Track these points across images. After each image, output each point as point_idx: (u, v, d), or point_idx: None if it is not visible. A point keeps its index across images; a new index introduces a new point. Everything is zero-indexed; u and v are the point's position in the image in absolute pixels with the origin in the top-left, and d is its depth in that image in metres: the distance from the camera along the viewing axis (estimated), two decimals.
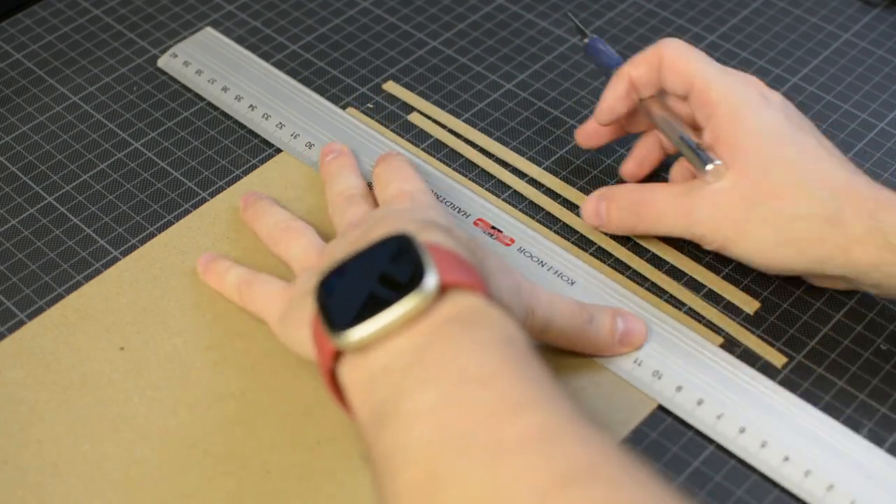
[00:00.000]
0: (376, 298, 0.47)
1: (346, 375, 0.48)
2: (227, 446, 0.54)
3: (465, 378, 0.45)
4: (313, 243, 0.59)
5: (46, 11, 0.78)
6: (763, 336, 0.59)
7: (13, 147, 0.69)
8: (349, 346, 0.47)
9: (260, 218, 0.62)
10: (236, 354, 0.58)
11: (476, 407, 0.44)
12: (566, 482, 0.40)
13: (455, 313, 0.47)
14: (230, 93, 0.71)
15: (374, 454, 0.46)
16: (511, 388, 0.44)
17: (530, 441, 0.42)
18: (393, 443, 0.44)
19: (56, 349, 0.58)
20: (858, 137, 0.69)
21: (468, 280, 0.48)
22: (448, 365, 0.45)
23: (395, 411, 0.45)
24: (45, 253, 0.63)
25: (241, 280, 0.59)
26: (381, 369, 0.46)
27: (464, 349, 0.46)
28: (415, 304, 0.46)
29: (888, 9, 0.78)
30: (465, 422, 0.43)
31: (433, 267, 0.47)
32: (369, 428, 0.46)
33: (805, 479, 0.53)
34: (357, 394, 0.48)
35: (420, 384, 0.45)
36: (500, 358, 0.46)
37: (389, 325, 0.47)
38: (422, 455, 0.43)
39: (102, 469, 0.54)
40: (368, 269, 0.49)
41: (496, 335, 0.47)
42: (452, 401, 0.44)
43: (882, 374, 0.58)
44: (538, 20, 0.78)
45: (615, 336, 0.57)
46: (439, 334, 0.46)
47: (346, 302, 0.48)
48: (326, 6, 0.79)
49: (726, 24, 0.77)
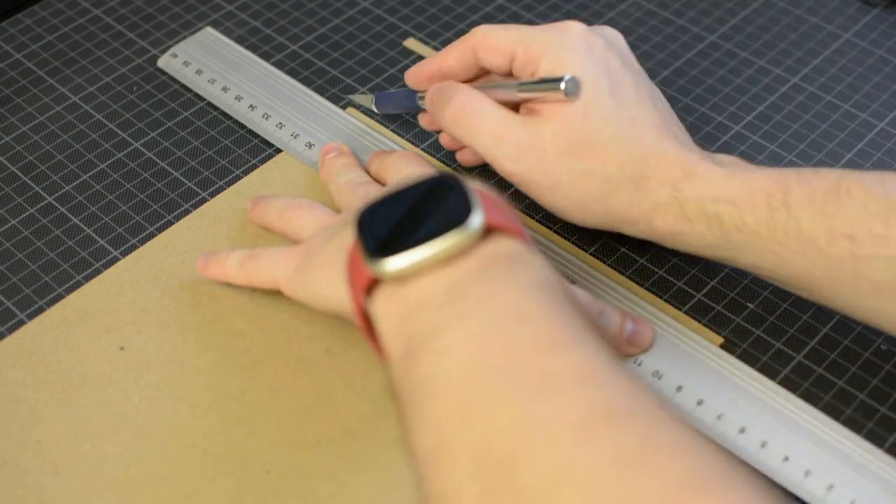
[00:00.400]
0: (419, 232, 0.47)
1: (379, 307, 0.48)
2: (227, 446, 0.54)
3: (504, 314, 0.45)
4: (327, 212, 0.59)
5: (46, 11, 0.78)
6: (763, 336, 0.59)
7: (13, 147, 0.69)
8: (388, 274, 0.47)
9: (269, 205, 0.63)
10: (236, 354, 0.58)
11: (515, 342, 0.44)
12: (605, 418, 0.40)
13: (496, 254, 0.47)
14: (230, 93, 0.71)
15: (405, 386, 0.45)
16: (550, 329, 0.44)
17: (569, 378, 0.42)
18: (427, 372, 0.44)
19: (56, 349, 0.58)
20: (858, 137, 0.69)
21: (512, 225, 0.48)
22: (487, 301, 0.45)
23: (432, 343, 0.45)
24: (45, 253, 0.64)
25: (243, 257, 0.59)
26: (417, 302, 0.46)
27: (504, 288, 0.46)
28: (458, 240, 0.46)
29: (888, 9, 0.78)
30: (503, 356, 0.43)
31: (480, 206, 0.47)
32: (401, 360, 0.46)
33: (805, 479, 0.53)
34: (390, 326, 0.47)
35: (458, 317, 0.45)
36: (539, 300, 0.45)
37: (431, 257, 0.46)
38: (457, 385, 0.43)
39: (102, 469, 0.54)
40: (411, 205, 0.48)
41: (536, 279, 0.47)
42: (491, 335, 0.44)
43: (882, 375, 0.58)
44: (538, 20, 0.78)
45: (623, 335, 0.57)
46: (479, 273, 0.46)
47: (386, 232, 0.47)
48: (326, 6, 0.79)
49: (726, 24, 0.77)
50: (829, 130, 0.70)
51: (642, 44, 0.76)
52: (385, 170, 0.63)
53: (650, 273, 0.62)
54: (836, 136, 0.69)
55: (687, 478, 0.38)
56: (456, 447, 0.42)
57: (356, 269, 0.49)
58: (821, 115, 0.71)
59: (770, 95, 0.72)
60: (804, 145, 0.69)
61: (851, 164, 0.68)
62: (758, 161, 0.68)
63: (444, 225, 0.47)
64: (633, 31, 0.77)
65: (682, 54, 0.75)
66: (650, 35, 0.77)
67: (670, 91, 0.72)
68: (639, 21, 0.78)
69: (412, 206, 0.48)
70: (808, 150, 0.69)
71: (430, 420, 0.43)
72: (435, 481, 0.42)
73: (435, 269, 0.47)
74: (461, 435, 0.42)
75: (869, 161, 0.68)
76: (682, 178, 0.55)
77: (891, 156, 0.68)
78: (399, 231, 0.47)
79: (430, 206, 0.48)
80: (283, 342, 0.58)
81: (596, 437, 0.40)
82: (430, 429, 0.43)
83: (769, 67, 0.74)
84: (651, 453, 0.39)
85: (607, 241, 0.64)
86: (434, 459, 0.43)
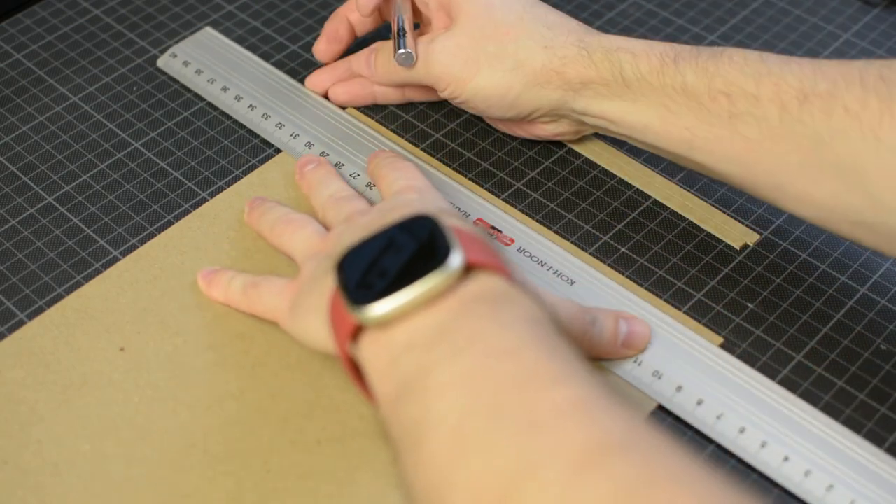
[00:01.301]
0: (399, 276, 0.47)
1: (365, 353, 0.48)
2: (227, 446, 0.54)
3: (493, 352, 0.45)
4: (317, 231, 0.59)
5: (46, 11, 0.78)
6: (763, 336, 0.59)
7: (13, 147, 0.69)
8: (371, 321, 0.47)
9: (263, 216, 0.63)
10: (236, 354, 0.58)
11: (506, 379, 0.44)
12: (600, 452, 0.40)
13: (479, 292, 0.47)
14: (230, 93, 0.71)
15: (397, 428, 0.45)
16: (541, 363, 0.44)
17: (563, 413, 0.42)
18: (419, 414, 0.44)
19: (56, 349, 0.58)
20: None
21: (492, 261, 0.49)
22: (475, 339, 0.45)
23: (422, 384, 0.45)
24: (45, 253, 0.63)
25: (246, 284, 0.59)
26: (403, 345, 0.46)
27: (490, 326, 0.46)
28: (439, 280, 0.46)
29: (888, 9, 0.78)
30: (495, 393, 0.43)
31: (458, 246, 0.47)
32: (392, 403, 0.46)
33: (805, 479, 0.53)
34: (378, 371, 0.47)
35: (447, 357, 0.45)
36: (527, 335, 0.46)
37: (413, 300, 0.46)
38: (449, 424, 0.43)
39: (102, 469, 0.54)
40: (390, 248, 0.48)
41: (522, 314, 0.47)
42: (482, 372, 0.44)
43: (882, 375, 0.58)
44: None
45: (619, 339, 0.57)
46: (464, 311, 0.46)
47: (366, 278, 0.48)
48: (326, 6, 0.79)
49: (726, 24, 0.77)
50: None
51: None
52: (380, 180, 0.63)
53: (650, 273, 0.62)
54: None
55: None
56: (452, 487, 0.42)
57: (339, 316, 0.49)
58: None
59: None
60: None
61: None
62: None
63: (424, 266, 0.47)
64: (633, 31, 0.77)
65: None
66: (650, 35, 0.77)
67: None
68: (639, 21, 0.78)
69: (391, 249, 0.48)
70: None
71: (424, 461, 0.43)
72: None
73: (418, 311, 0.47)
74: (456, 475, 0.42)
75: None
76: (586, 34, 0.62)
77: None
78: (379, 274, 0.47)
79: (410, 247, 0.48)
80: (283, 342, 0.58)
81: (593, 472, 0.40)
82: (425, 469, 0.43)
83: None
84: (651, 484, 0.39)
85: (607, 242, 0.64)
86: (431, 499, 0.43)
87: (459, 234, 0.49)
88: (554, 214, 0.65)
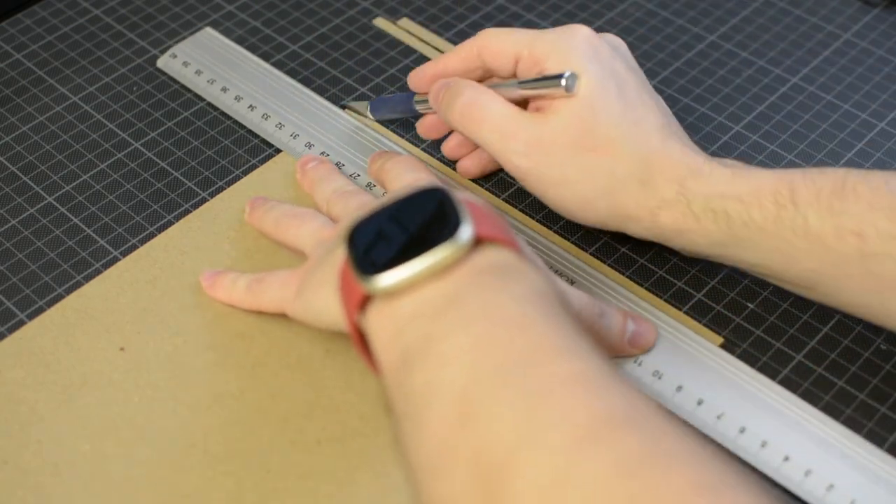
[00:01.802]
0: (408, 247, 0.47)
1: (372, 322, 0.48)
2: (227, 446, 0.54)
3: (499, 323, 0.45)
4: (325, 223, 0.59)
5: (46, 11, 0.78)
6: (763, 336, 0.59)
7: (13, 147, 0.69)
8: (379, 290, 0.47)
9: (266, 213, 0.63)
10: (236, 354, 0.58)
11: (511, 350, 0.44)
12: (604, 424, 0.40)
13: (488, 265, 0.47)
14: (230, 93, 0.71)
15: (401, 395, 0.45)
16: (548, 336, 0.44)
17: (568, 385, 0.42)
18: (424, 381, 0.44)
19: (56, 349, 0.58)
20: (858, 137, 0.69)
21: (502, 235, 0.49)
22: (482, 311, 0.45)
23: (427, 352, 0.45)
24: (46, 253, 0.63)
25: (251, 280, 0.59)
26: (410, 314, 0.46)
27: (498, 298, 0.46)
28: (449, 252, 0.46)
29: (888, 9, 0.78)
30: (500, 363, 0.43)
31: (469, 218, 0.47)
32: (396, 371, 0.46)
33: (805, 479, 0.53)
34: (384, 340, 0.47)
35: (454, 327, 0.45)
36: (533, 309, 0.46)
37: (422, 271, 0.46)
38: (455, 392, 0.43)
39: (102, 469, 0.54)
40: (400, 220, 0.49)
41: (529, 288, 0.47)
42: (487, 343, 0.44)
43: (882, 375, 0.58)
44: (538, 20, 0.78)
45: (625, 336, 0.57)
46: (472, 283, 0.46)
47: (376, 249, 0.48)
48: (326, 6, 0.79)
49: (726, 24, 0.77)
50: (829, 130, 0.70)
51: (642, 44, 0.76)
52: (385, 174, 0.63)
53: (650, 273, 0.62)
54: (836, 136, 0.69)
55: (688, 483, 0.38)
56: (455, 453, 0.42)
57: (348, 286, 0.49)
58: (821, 115, 0.71)
59: (770, 95, 0.72)
60: (804, 145, 0.69)
61: (851, 164, 0.68)
62: (758, 161, 0.68)
63: (434, 238, 0.47)
64: (633, 31, 0.77)
65: (682, 54, 0.75)
66: (650, 35, 0.77)
67: (670, 91, 0.72)
68: (639, 21, 0.78)
69: (401, 220, 0.48)
70: (808, 150, 0.69)
71: (427, 427, 0.43)
72: (434, 487, 0.42)
73: (427, 282, 0.47)
74: (460, 441, 0.42)
75: (869, 161, 0.68)
76: (688, 177, 0.55)
77: (891, 156, 0.68)
78: (389, 245, 0.47)
79: (420, 219, 0.48)
80: (283, 342, 0.58)
81: (596, 444, 0.40)
82: (428, 436, 0.43)
83: (769, 67, 0.74)
84: (652, 459, 0.39)
85: (607, 241, 0.64)
86: (433, 466, 0.43)
87: (470, 207, 0.49)
88: (554, 214, 0.65)
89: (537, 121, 0.57)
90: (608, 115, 0.56)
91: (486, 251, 0.48)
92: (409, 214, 0.49)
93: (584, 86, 0.56)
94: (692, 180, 0.55)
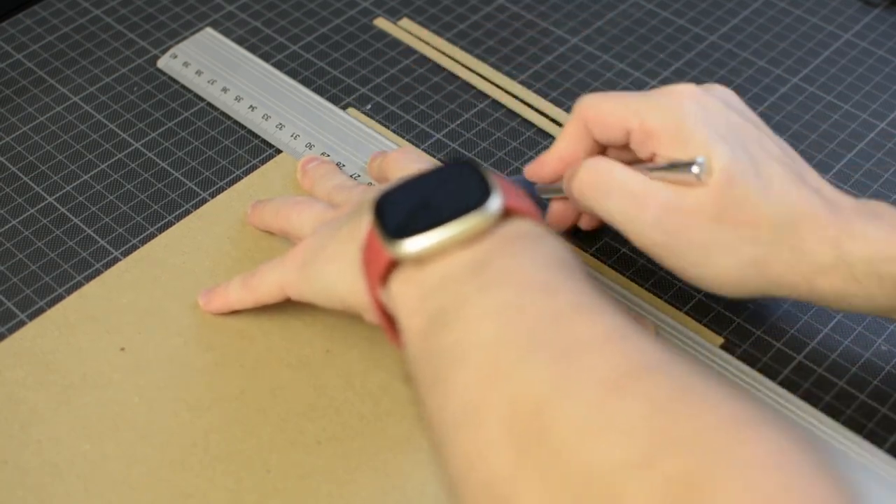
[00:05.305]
0: (437, 216, 0.47)
1: (396, 289, 0.48)
2: (228, 446, 0.54)
3: (528, 286, 0.45)
4: (326, 207, 0.59)
5: (46, 11, 0.78)
6: (763, 336, 0.59)
7: (13, 147, 0.70)
8: (410, 255, 0.47)
9: (265, 207, 0.63)
10: (236, 354, 0.58)
11: (541, 311, 0.44)
12: (636, 372, 0.41)
13: (516, 234, 0.48)
14: (230, 93, 0.72)
15: (426, 357, 0.46)
16: (574, 298, 0.45)
17: (597, 339, 0.43)
18: (453, 341, 0.45)
19: (56, 349, 0.58)
20: (858, 137, 0.69)
21: (529, 208, 0.49)
22: (511, 275, 0.46)
23: (456, 314, 0.45)
24: (46, 253, 0.64)
25: (243, 277, 0.59)
26: (438, 280, 0.47)
27: (526, 263, 0.47)
28: (478, 221, 0.47)
29: (888, 9, 0.78)
30: (530, 322, 0.44)
31: (498, 189, 0.48)
32: (422, 335, 0.46)
33: None
34: (410, 305, 0.48)
35: (483, 289, 0.46)
36: (561, 273, 0.46)
37: (452, 238, 0.47)
38: (485, 351, 0.44)
39: (102, 469, 0.54)
40: (429, 191, 0.49)
41: (555, 256, 0.47)
42: (517, 304, 0.45)
43: (882, 375, 0.58)
44: (539, 20, 0.78)
45: None
46: (501, 250, 0.47)
47: (405, 217, 0.48)
48: (326, 6, 0.79)
49: (726, 25, 0.77)
50: (829, 130, 0.70)
51: (642, 44, 0.76)
52: (387, 166, 0.63)
53: (650, 273, 0.62)
54: (837, 136, 0.69)
55: (723, 418, 0.39)
56: (486, 406, 0.42)
57: (373, 253, 0.49)
58: (821, 115, 0.71)
59: (770, 95, 0.72)
60: (804, 146, 0.69)
61: (851, 164, 0.68)
62: None
63: (463, 207, 0.47)
64: (633, 31, 0.77)
65: (682, 54, 0.75)
66: (650, 35, 0.77)
67: None
68: (639, 21, 0.78)
69: (429, 192, 0.49)
70: (808, 151, 0.69)
71: (456, 386, 0.44)
72: (462, 443, 0.43)
73: (455, 249, 0.47)
74: (490, 397, 0.43)
75: (869, 161, 0.68)
76: (842, 238, 0.52)
77: (891, 156, 0.68)
78: (417, 216, 0.48)
79: (447, 191, 0.49)
80: (283, 342, 0.58)
81: (629, 389, 0.40)
82: (457, 394, 0.44)
83: (769, 67, 0.74)
84: (687, 397, 0.40)
85: (608, 242, 0.64)
86: (461, 422, 0.43)
87: (498, 179, 0.49)
88: None
89: (672, 189, 0.53)
90: (744, 183, 0.52)
91: (513, 222, 0.48)
92: (438, 186, 0.49)
93: (716, 163, 0.52)
94: (849, 243, 0.51)
